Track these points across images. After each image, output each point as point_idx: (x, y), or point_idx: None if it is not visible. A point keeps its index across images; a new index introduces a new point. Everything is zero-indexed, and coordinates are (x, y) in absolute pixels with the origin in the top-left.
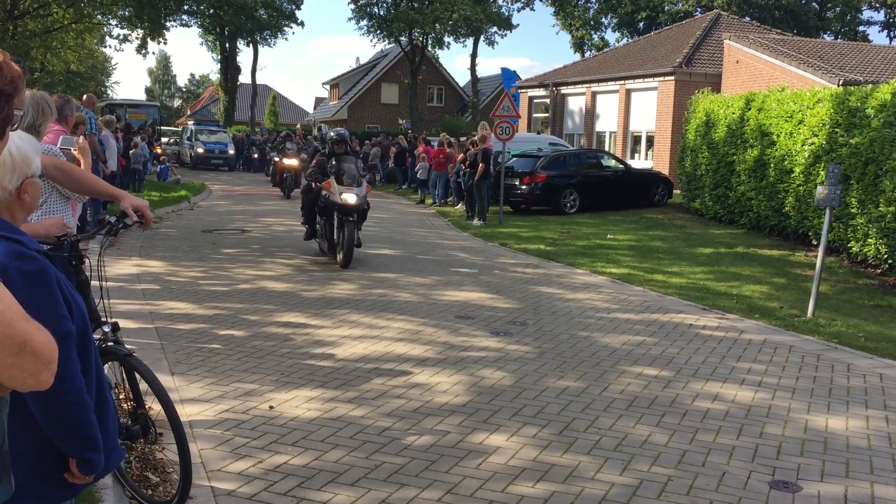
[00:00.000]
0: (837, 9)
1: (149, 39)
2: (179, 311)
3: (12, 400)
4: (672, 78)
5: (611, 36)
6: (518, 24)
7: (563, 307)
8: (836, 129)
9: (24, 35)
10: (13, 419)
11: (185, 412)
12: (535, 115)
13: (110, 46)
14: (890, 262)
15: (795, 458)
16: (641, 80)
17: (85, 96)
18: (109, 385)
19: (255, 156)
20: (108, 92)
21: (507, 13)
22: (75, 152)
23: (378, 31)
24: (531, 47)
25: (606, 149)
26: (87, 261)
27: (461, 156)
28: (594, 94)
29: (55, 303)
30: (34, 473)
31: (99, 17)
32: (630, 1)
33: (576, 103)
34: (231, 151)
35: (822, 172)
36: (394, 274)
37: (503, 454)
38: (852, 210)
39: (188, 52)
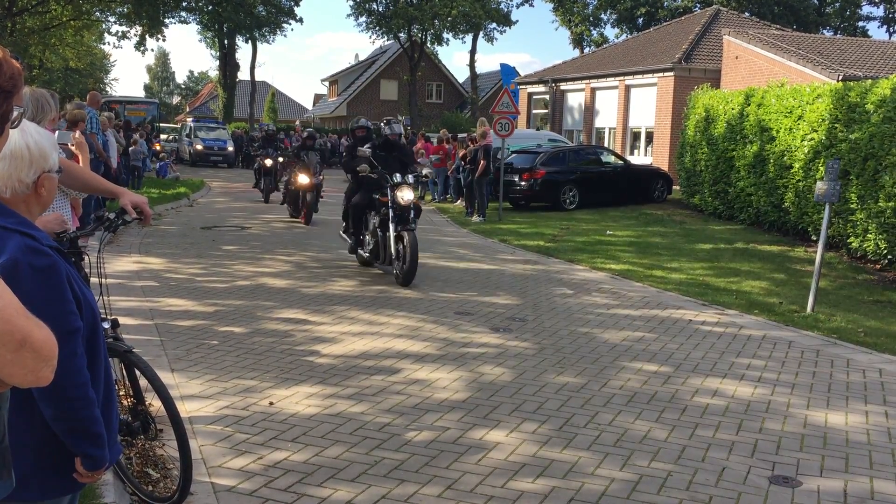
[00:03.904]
0: (837, 4)
1: (147, 36)
2: (179, 307)
3: (16, 394)
4: (671, 74)
5: (610, 32)
6: (517, 21)
7: (563, 303)
8: (836, 125)
9: (22, 32)
10: (17, 413)
11: (185, 409)
12: (534, 111)
13: (109, 43)
14: (889, 257)
15: (795, 453)
16: (641, 75)
17: (89, 95)
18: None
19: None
20: (107, 89)
21: (506, 9)
22: (72, 147)
23: (377, 28)
24: (530, 43)
25: (606, 145)
26: (86, 257)
27: (462, 152)
28: (593, 90)
29: (64, 299)
30: (37, 467)
31: (97, 13)
32: None
33: (575, 99)
34: (230, 148)
35: (821, 168)
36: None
37: (503, 450)
38: (852, 205)
39: (187, 48)
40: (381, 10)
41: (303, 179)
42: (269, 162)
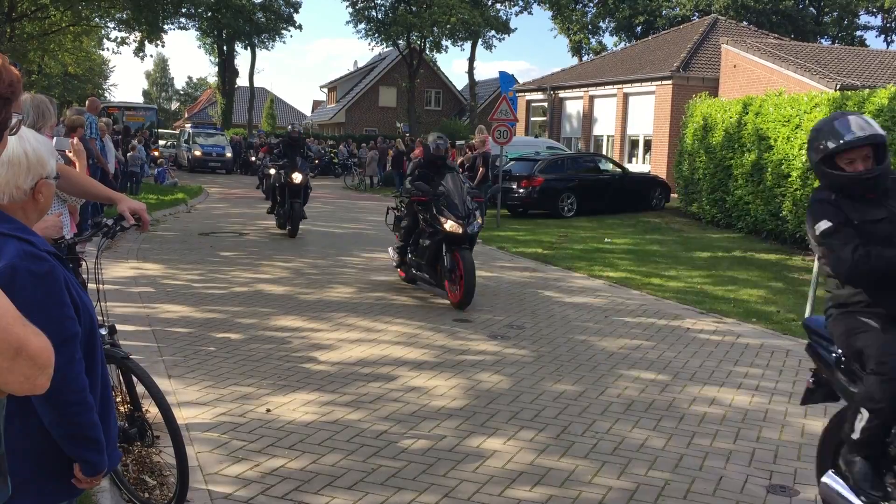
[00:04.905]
0: (835, 13)
1: (146, 42)
2: (176, 314)
3: (14, 400)
4: (670, 82)
5: (609, 40)
6: (516, 28)
7: (561, 311)
8: None
9: (21, 38)
10: (14, 419)
11: (182, 415)
12: (532, 118)
13: (108, 49)
14: None
15: (792, 462)
16: (639, 84)
17: (88, 101)
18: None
19: (252, 159)
20: (106, 95)
21: (504, 17)
22: (70, 154)
23: (376, 35)
24: (529, 51)
25: (604, 153)
26: (83, 263)
27: (460, 160)
28: (592, 98)
29: (62, 304)
30: (35, 473)
31: (97, 19)
32: (628, 5)
33: (573, 107)
34: (228, 154)
35: None
36: (391, 277)
37: (500, 458)
38: None
39: (186, 54)
40: (380, 17)
41: (451, 226)
42: (298, 177)
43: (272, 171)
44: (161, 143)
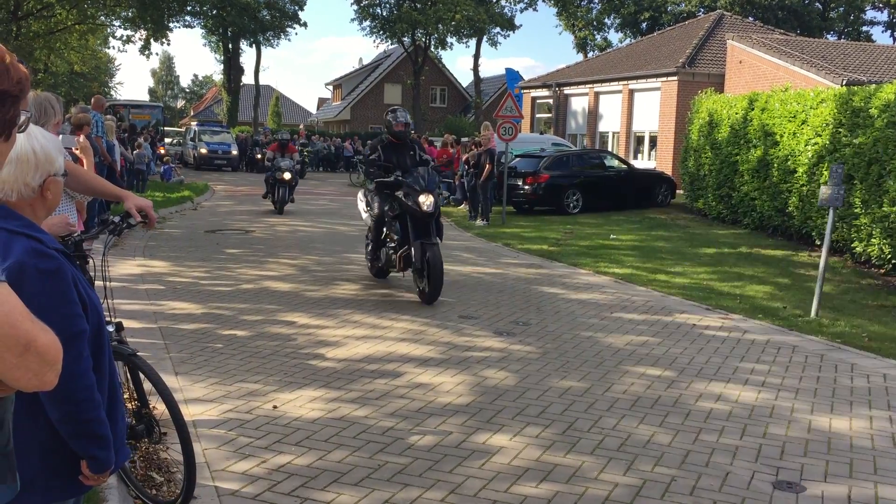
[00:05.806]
0: (841, 9)
1: (152, 40)
2: (183, 311)
3: (22, 397)
4: (675, 78)
5: (614, 36)
6: (521, 25)
7: (566, 307)
8: (840, 129)
9: (27, 36)
10: (22, 416)
11: (189, 412)
12: (538, 115)
13: (113, 47)
14: (893, 262)
15: (799, 458)
16: (644, 80)
17: (93, 99)
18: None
19: (258, 157)
20: (112, 93)
21: (509, 14)
22: (76, 151)
23: (381, 32)
24: (534, 48)
25: (609, 149)
26: (90, 261)
27: (465, 157)
28: (597, 95)
29: (70, 301)
30: (42, 469)
31: (102, 18)
32: (633, 1)
33: (579, 103)
34: (234, 152)
35: (825, 172)
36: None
37: (506, 454)
38: (856, 210)
39: (191, 52)
40: (384, 14)
41: None
42: (429, 202)
43: (282, 178)
44: (167, 140)
